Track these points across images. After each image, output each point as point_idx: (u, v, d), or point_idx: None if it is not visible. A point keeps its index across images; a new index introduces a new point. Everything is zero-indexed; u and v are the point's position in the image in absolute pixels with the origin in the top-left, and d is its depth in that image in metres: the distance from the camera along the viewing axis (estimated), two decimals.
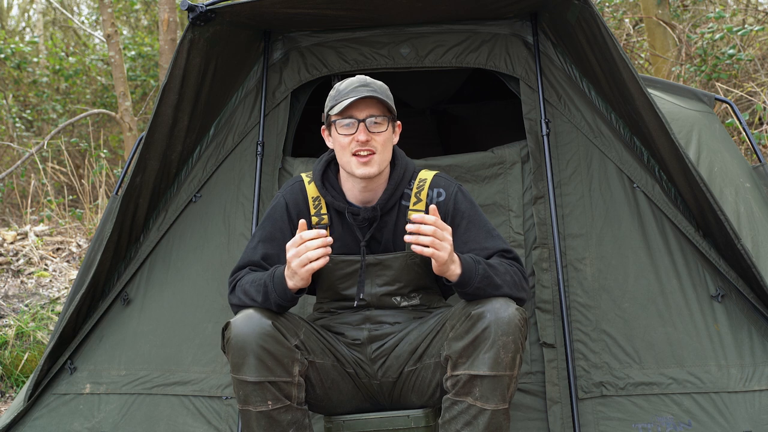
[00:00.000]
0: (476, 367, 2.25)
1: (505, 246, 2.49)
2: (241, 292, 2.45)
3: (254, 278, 2.44)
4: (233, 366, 2.32)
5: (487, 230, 2.52)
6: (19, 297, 5.69)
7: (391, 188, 2.54)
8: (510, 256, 2.48)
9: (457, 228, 2.51)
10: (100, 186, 7.95)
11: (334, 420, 2.51)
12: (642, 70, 7.90)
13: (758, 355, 2.82)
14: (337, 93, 2.49)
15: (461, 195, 2.55)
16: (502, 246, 2.49)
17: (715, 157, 3.32)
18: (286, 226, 2.57)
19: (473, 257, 2.37)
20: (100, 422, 3.05)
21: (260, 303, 2.38)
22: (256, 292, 2.40)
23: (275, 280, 2.37)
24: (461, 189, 2.57)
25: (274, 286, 2.36)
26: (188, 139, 3.18)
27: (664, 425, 2.78)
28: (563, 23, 2.98)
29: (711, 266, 2.92)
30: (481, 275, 2.32)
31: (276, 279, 2.37)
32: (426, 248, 2.25)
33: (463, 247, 2.48)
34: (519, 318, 2.27)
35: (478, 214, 2.54)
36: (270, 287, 2.37)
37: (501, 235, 2.54)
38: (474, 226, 2.51)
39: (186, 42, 2.90)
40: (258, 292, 2.39)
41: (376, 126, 2.47)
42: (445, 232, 2.27)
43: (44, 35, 12.92)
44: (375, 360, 2.54)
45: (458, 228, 2.51)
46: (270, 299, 2.37)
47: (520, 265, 2.47)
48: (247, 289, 2.43)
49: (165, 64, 8.00)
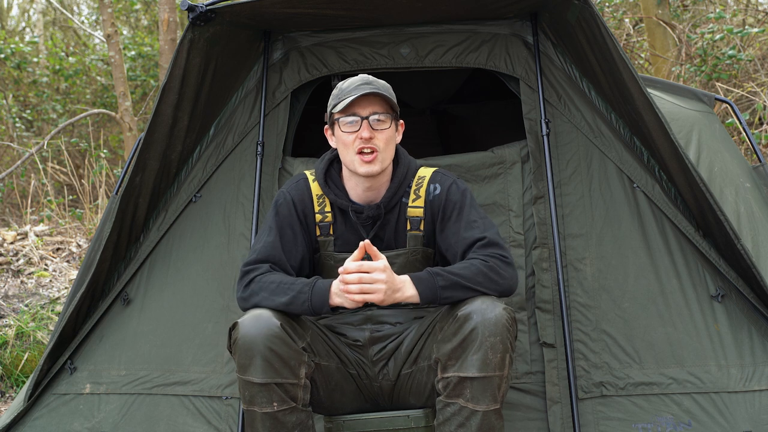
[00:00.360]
0: (465, 369, 2.24)
1: (482, 233, 2.43)
2: (261, 287, 2.40)
3: (282, 280, 2.40)
4: (240, 366, 2.31)
5: (469, 220, 2.48)
6: (19, 297, 5.69)
7: (394, 186, 2.55)
8: (485, 243, 2.41)
9: (449, 219, 2.51)
10: (100, 186, 7.95)
11: (334, 420, 2.51)
12: (642, 70, 7.90)
13: (758, 355, 2.82)
14: (340, 91, 2.50)
15: (455, 186, 2.55)
16: (478, 234, 2.44)
17: (715, 157, 3.32)
18: (296, 221, 2.56)
19: (430, 270, 2.35)
20: (100, 422, 3.05)
21: (281, 304, 2.35)
22: (282, 293, 2.36)
23: (315, 291, 2.34)
24: (456, 181, 2.57)
25: (312, 295, 2.34)
26: (188, 139, 3.18)
27: (664, 425, 2.78)
28: (563, 23, 2.98)
29: (711, 266, 2.92)
30: (442, 286, 2.31)
31: (317, 290, 2.34)
32: (356, 295, 2.26)
33: (450, 238, 2.49)
34: (506, 318, 2.26)
35: (466, 205, 2.51)
36: (306, 296, 2.34)
37: (485, 224, 2.48)
38: (460, 217, 2.50)
39: (186, 42, 2.90)
40: (284, 294, 2.36)
41: (380, 123, 2.47)
42: (374, 274, 2.26)
43: (44, 35, 12.92)
44: (376, 362, 2.54)
45: (449, 219, 2.51)
46: (296, 306, 2.34)
47: (500, 250, 2.41)
48: (269, 287, 2.39)
49: (165, 64, 8.00)
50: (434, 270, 2.35)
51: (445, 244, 2.52)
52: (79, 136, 10.34)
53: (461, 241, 2.45)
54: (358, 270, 2.26)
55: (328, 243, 2.59)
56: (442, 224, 2.53)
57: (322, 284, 2.35)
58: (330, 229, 2.59)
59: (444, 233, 2.52)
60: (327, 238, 2.58)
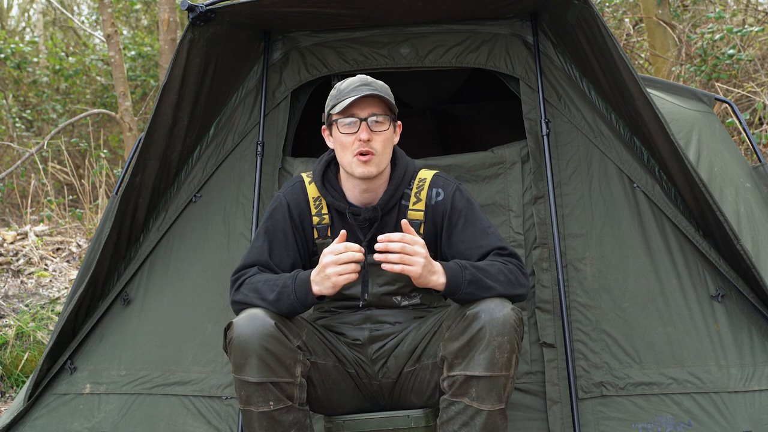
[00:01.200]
0: (472, 368, 2.25)
1: (501, 243, 2.47)
2: (250, 289, 2.41)
3: (268, 278, 2.41)
4: (235, 366, 2.31)
5: (483, 228, 2.50)
6: (19, 297, 5.69)
7: (392, 188, 2.54)
8: (505, 252, 2.45)
9: (455, 227, 2.51)
10: (100, 186, 7.96)
11: (334, 420, 2.51)
12: (642, 70, 7.90)
13: (758, 355, 2.82)
14: (339, 92, 2.49)
15: (459, 194, 2.55)
16: (498, 243, 2.47)
17: (715, 157, 3.32)
18: (288, 226, 2.56)
19: (459, 263, 2.36)
20: (100, 422, 3.05)
21: (270, 302, 2.35)
22: (269, 290, 2.36)
23: (297, 282, 2.34)
24: (459, 188, 2.57)
25: (295, 287, 2.34)
26: (188, 139, 3.18)
27: (664, 425, 2.78)
28: (563, 23, 2.98)
29: (711, 266, 2.92)
30: (468, 280, 2.31)
31: (299, 281, 2.34)
32: (396, 265, 2.25)
33: (460, 246, 2.48)
34: (514, 318, 2.26)
35: (474, 212, 2.52)
36: (290, 288, 2.34)
37: (497, 232, 2.52)
38: (470, 225, 2.50)
39: (186, 42, 2.90)
40: (271, 291, 2.36)
41: (378, 125, 2.47)
42: (415, 246, 2.26)
43: (44, 35, 12.93)
44: (376, 361, 2.54)
45: (455, 227, 2.51)
46: (284, 301, 2.34)
47: (518, 260, 2.45)
48: (257, 287, 2.39)
49: (165, 64, 8.01)
50: (462, 263, 2.36)
51: (453, 252, 2.51)
52: (79, 136, 10.34)
53: (477, 249, 2.46)
54: (401, 240, 2.25)
55: (325, 245, 2.58)
56: (448, 232, 2.52)
57: (303, 275, 2.36)
58: (327, 231, 2.58)
59: (452, 240, 2.51)
60: (325, 241, 2.58)
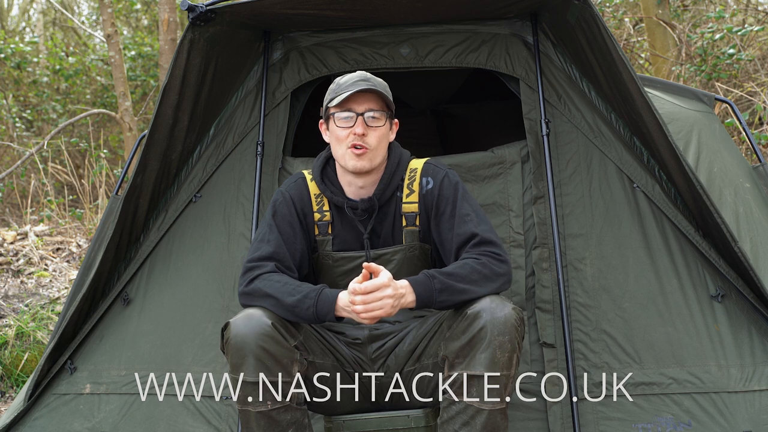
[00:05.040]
0: (473, 367, 2.25)
1: (475, 229, 2.43)
2: (267, 285, 2.38)
3: (289, 281, 2.39)
4: (232, 366, 2.31)
5: (461, 215, 2.47)
6: (19, 297, 5.69)
7: (386, 178, 2.55)
8: (476, 241, 2.42)
9: (443, 215, 2.51)
10: (100, 186, 7.96)
11: (334, 420, 2.51)
12: (642, 70, 7.91)
13: (758, 355, 2.82)
14: (337, 86, 2.52)
15: (447, 180, 2.54)
16: (472, 230, 2.43)
17: (714, 157, 3.32)
18: (296, 220, 2.56)
19: (427, 273, 2.34)
20: (100, 422, 3.05)
21: (287, 305, 2.33)
22: (289, 294, 2.34)
23: (321, 299, 2.33)
24: (448, 175, 2.56)
25: (317, 302, 2.32)
26: (188, 139, 3.18)
27: (664, 425, 2.78)
28: (563, 23, 2.98)
29: (711, 266, 2.92)
30: (439, 289, 2.31)
31: (323, 298, 2.33)
32: (368, 316, 2.26)
33: (447, 234, 2.48)
34: (515, 317, 2.26)
35: (458, 199, 2.51)
36: (312, 301, 2.33)
37: (477, 216, 2.47)
38: (453, 214, 2.50)
39: (186, 42, 2.90)
40: (291, 296, 2.34)
41: (374, 120, 2.49)
42: (376, 293, 2.25)
43: (44, 35, 12.93)
44: (375, 360, 2.54)
45: (444, 215, 2.51)
46: (301, 309, 2.33)
47: (492, 246, 2.41)
48: (277, 286, 2.37)
49: (165, 64, 8.01)
50: (430, 272, 2.35)
51: (440, 240, 2.52)
52: (79, 136, 10.34)
53: (455, 238, 2.45)
54: (362, 292, 2.25)
55: (326, 242, 2.59)
56: (436, 220, 2.53)
57: (330, 293, 2.34)
58: (329, 228, 2.59)
59: (438, 229, 2.52)
60: (325, 238, 2.59)
